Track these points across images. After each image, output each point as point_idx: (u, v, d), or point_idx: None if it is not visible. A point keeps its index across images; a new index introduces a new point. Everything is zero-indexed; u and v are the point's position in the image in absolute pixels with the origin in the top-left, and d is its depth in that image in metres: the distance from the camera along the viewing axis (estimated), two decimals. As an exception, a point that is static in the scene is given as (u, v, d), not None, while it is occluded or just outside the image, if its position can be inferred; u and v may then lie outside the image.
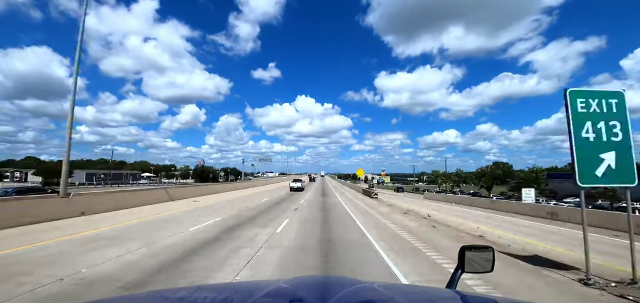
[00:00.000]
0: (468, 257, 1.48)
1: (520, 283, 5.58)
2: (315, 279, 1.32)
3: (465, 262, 1.47)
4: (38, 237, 7.88)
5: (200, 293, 1.18)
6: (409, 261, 6.75)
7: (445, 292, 1.30)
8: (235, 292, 1.16)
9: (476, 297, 1.19)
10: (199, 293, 1.17)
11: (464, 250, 1.49)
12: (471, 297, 1.17)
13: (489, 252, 1.55)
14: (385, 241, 8.89)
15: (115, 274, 5.16)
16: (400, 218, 14.76)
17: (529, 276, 6.04)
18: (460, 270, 1.46)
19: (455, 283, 1.41)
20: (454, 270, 1.48)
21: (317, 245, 8.01)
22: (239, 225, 10.78)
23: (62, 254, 6.31)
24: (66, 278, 4.83)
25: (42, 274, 4.98)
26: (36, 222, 9.71)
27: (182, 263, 5.97)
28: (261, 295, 1.02)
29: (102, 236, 8.25)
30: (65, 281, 4.74)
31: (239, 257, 6.58)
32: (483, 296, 1.20)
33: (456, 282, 1.42)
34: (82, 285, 4.63)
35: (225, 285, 1.63)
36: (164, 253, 6.68)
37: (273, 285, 1.18)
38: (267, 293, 1.06)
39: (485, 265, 1.52)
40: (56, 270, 5.23)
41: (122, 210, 13.62)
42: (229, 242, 7.98)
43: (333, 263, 6.30)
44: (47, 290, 4.36)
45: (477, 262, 1.51)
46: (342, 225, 11.76)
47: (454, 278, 1.44)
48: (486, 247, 1.58)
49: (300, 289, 1.13)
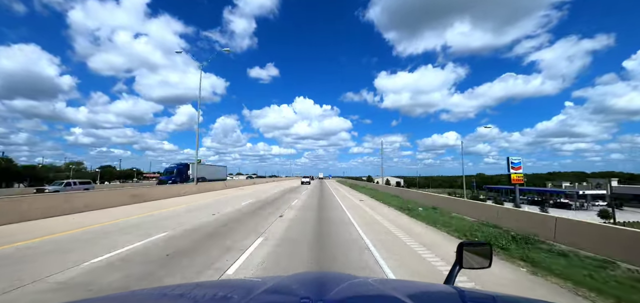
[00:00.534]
0: (465, 253, 1.49)
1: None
2: (312, 275, 1.33)
3: (462, 258, 1.48)
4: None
5: (199, 290, 1.19)
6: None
7: (443, 287, 1.31)
8: (234, 288, 1.17)
9: (473, 292, 1.21)
10: (198, 290, 1.18)
11: (462, 247, 1.50)
12: (469, 293, 1.18)
13: (486, 247, 1.57)
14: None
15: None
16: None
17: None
18: (458, 267, 1.48)
19: (453, 280, 1.42)
20: (451, 267, 1.49)
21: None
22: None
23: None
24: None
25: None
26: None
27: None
28: (260, 291, 1.03)
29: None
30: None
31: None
32: (480, 292, 1.21)
33: (454, 278, 1.43)
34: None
35: (224, 282, 1.64)
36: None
37: (270, 282, 1.20)
38: (265, 290, 1.07)
39: (483, 261, 1.53)
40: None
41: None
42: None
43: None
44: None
45: (474, 258, 1.52)
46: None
47: (451, 274, 1.45)
48: (483, 243, 1.60)
49: (297, 285, 1.14)
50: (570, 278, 5.31)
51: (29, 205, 11.25)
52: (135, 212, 13.21)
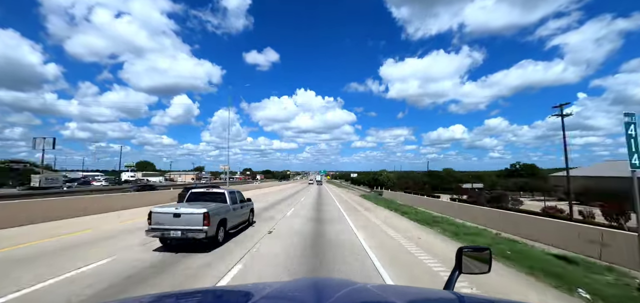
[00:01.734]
0: (465, 258, 1.49)
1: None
2: (311, 281, 1.34)
3: (462, 263, 1.47)
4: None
5: (195, 297, 1.21)
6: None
7: (443, 293, 1.31)
8: (231, 295, 1.18)
9: (473, 297, 1.20)
10: (194, 298, 1.19)
11: (461, 251, 1.49)
12: (468, 298, 1.18)
13: (485, 252, 1.55)
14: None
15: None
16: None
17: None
18: (458, 272, 1.47)
19: (452, 285, 1.41)
20: (451, 272, 1.48)
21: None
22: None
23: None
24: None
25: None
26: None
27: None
28: (258, 298, 1.04)
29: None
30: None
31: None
32: (480, 297, 1.21)
33: (453, 283, 1.42)
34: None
35: (221, 289, 1.66)
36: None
37: (268, 288, 1.20)
38: (263, 297, 1.07)
39: (482, 265, 1.52)
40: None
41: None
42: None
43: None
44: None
45: (474, 263, 1.51)
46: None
47: (451, 279, 1.44)
48: (483, 248, 1.58)
49: (296, 291, 1.14)
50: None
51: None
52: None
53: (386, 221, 14.67)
